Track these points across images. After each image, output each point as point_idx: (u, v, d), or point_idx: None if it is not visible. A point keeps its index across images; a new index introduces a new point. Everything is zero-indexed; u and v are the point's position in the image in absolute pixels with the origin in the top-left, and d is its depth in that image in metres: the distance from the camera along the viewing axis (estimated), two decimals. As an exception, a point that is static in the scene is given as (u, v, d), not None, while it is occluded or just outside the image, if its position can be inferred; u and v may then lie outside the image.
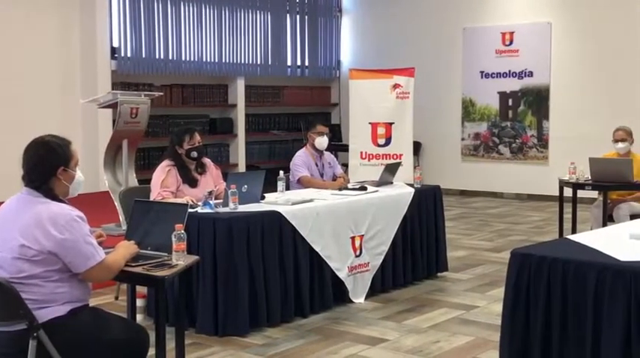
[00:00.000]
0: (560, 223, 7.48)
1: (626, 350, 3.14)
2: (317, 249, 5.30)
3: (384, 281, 5.91)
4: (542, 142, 11.42)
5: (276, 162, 11.65)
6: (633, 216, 6.66)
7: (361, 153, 9.06)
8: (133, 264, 3.39)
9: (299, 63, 12.69)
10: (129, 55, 10.24)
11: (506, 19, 11.54)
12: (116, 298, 5.59)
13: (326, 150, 6.75)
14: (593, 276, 3.24)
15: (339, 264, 5.49)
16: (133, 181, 7.64)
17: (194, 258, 3.67)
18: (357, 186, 6.20)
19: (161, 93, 9.03)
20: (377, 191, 6.10)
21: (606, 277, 3.21)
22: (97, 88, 9.49)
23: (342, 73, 13.04)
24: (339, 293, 5.51)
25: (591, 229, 6.33)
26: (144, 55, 10.39)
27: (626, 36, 10.51)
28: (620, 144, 7.12)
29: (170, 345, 3.72)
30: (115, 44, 10.17)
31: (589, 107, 10.86)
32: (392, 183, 6.52)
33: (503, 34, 11.54)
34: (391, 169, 6.58)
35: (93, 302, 4.94)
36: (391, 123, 9.05)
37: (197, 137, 5.52)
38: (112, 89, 9.38)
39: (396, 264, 6.00)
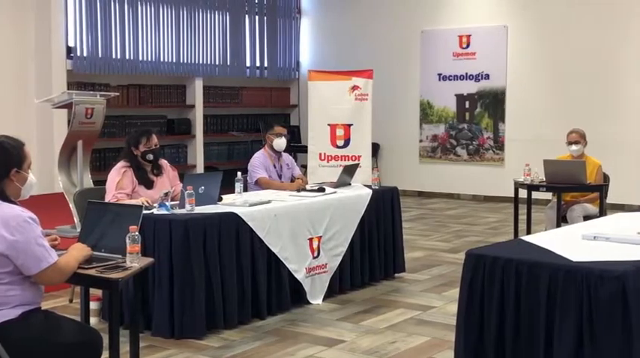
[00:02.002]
0: (516, 224, 7.58)
1: (578, 349, 3.20)
2: (275, 250, 5.29)
3: (342, 283, 5.92)
4: (499, 144, 11.56)
5: (235, 163, 11.60)
6: (586, 217, 6.78)
7: (320, 154, 9.07)
8: (87, 266, 3.35)
9: (258, 64, 12.65)
10: (85, 54, 10.11)
11: (463, 22, 11.66)
12: (70, 301, 5.51)
13: (285, 151, 6.75)
14: (546, 276, 3.29)
15: (297, 265, 5.49)
16: (88, 182, 7.54)
17: (149, 260, 3.64)
18: (315, 188, 6.20)
19: (117, 94, 8.93)
20: (335, 192, 6.11)
21: (559, 277, 3.26)
22: (52, 88, 9.35)
23: (301, 74, 13.04)
24: (296, 295, 5.51)
25: (545, 230, 6.42)
26: (100, 55, 10.27)
27: (581, 39, 10.69)
28: (574, 147, 7.23)
29: (125, 348, 3.68)
30: (71, 43, 10.04)
31: (544, 110, 11.03)
32: (350, 184, 6.54)
33: (461, 37, 11.65)
34: (349, 171, 6.60)
35: (47, 305, 4.88)
36: (350, 125, 9.08)
37: (154, 139, 5.47)
38: (68, 89, 9.25)
39: (354, 265, 6.02)
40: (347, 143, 9.09)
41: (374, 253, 6.22)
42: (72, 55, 10.01)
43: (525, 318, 3.35)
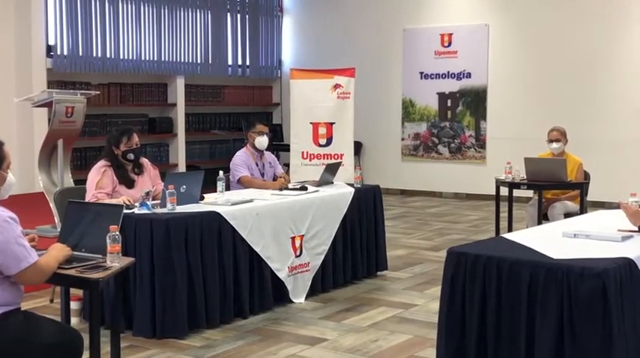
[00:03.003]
0: (497, 222, 7.61)
1: (559, 346, 3.22)
2: (257, 249, 5.28)
3: (325, 281, 5.92)
4: (480, 142, 11.61)
5: (217, 162, 11.57)
6: (567, 214, 6.82)
7: (302, 153, 9.06)
8: (67, 266, 3.32)
9: (240, 62, 12.62)
10: (65, 53, 10.04)
11: (445, 21, 11.69)
12: (51, 301, 5.47)
13: (267, 149, 6.74)
14: (527, 274, 3.31)
15: (279, 264, 5.48)
16: (69, 182, 7.49)
17: (129, 259, 3.61)
18: (298, 186, 6.20)
19: (97, 92, 8.87)
20: (317, 191, 6.10)
21: (539, 275, 3.28)
22: (32, 87, 9.28)
23: (283, 72, 13.02)
24: (279, 294, 5.50)
25: (527, 227, 6.45)
26: (81, 53, 10.20)
27: (562, 38, 10.76)
28: (555, 144, 7.27)
29: (106, 348, 3.66)
30: (51, 42, 9.96)
31: (525, 108, 11.09)
32: (332, 182, 6.54)
33: (442, 36, 11.69)
34: (331, 169, 6.60)
35: (27, 305, 4.86)
36: (332, 123, 9.07)
37: (135, 138, 5.44)
38: (48, 88, 9.18)
39: (336, 264, 6.02)
40: (329, 141, 9.09)
41: (356, 251, 6.22)
42: (52, 53, 9.94)
43: (507, 315, 3.37)
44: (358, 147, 11.83)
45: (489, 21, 11.35)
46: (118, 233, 3.40)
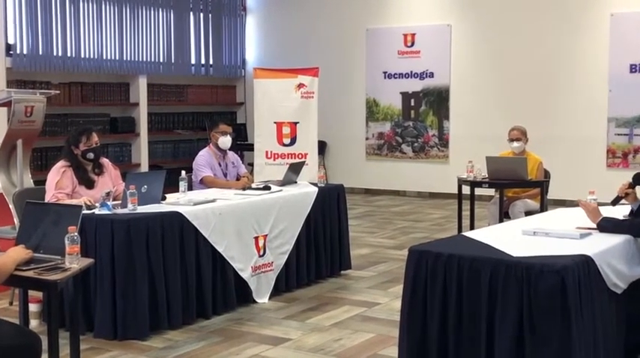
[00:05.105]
0: (459, 220, 7.67)
1: (519, 341, 3.25)
2: (219, 249, 5.26)
3: (288, 281, 5.92)
4: (443, 142, 11.69)
5: (181, 162, 11.47)
6: (528, 212, 6.90)
7: (266, 152, 9.03)
8: (24, 268, 3.28)
9: (203, 61, 12.54)
10: (25, 51, 9.88)
11: (407, 21, 11.75)
12: (10, 303, 5.40)
13: (231, 149, 6.71)
14: (487, 271, 3.34)
15: (243, 264, 5.46)
16: (29, 182, 7.36)
17: (88, 260, 3.57)
18: (261, 186, 6.18)
19: (57, 92, 8.73)
20: (281, 190, 6.10)
21: (499, 272, 3.31)
22: (-9, 86, 9.12)
23: (247, 72, 12.97)
24: (242, 294, 5.48)
25: (488, 225, 6.51)
26: (41, 52, 10.04)
27: (523, 39, 10.88)
28: (515, 144, 7.35)
29: (65, 351, 3.62)
30: (11, 41, 9.80)
31: (487, 107, 11.20)
32: (296, 182, 6.54)
33: (405, 36, 11.75)
34: (295, 168, 6.60)
35: (-16, 308, 4.77)
36: (296, 123, 9.05)
37: (94, 138, 5.38)
38: (7, 87, 9.03)
39: (300, 263, 6.02)
40: (293, 141, 9.06)
41: (320, 251, 6.23)
42: (11, 52, 9.78)
43: (467, 312, 3.39)
44: (322, 146, 11.83)
45: (452, 21, 11.43)
46: (76, 234, 3.36)
